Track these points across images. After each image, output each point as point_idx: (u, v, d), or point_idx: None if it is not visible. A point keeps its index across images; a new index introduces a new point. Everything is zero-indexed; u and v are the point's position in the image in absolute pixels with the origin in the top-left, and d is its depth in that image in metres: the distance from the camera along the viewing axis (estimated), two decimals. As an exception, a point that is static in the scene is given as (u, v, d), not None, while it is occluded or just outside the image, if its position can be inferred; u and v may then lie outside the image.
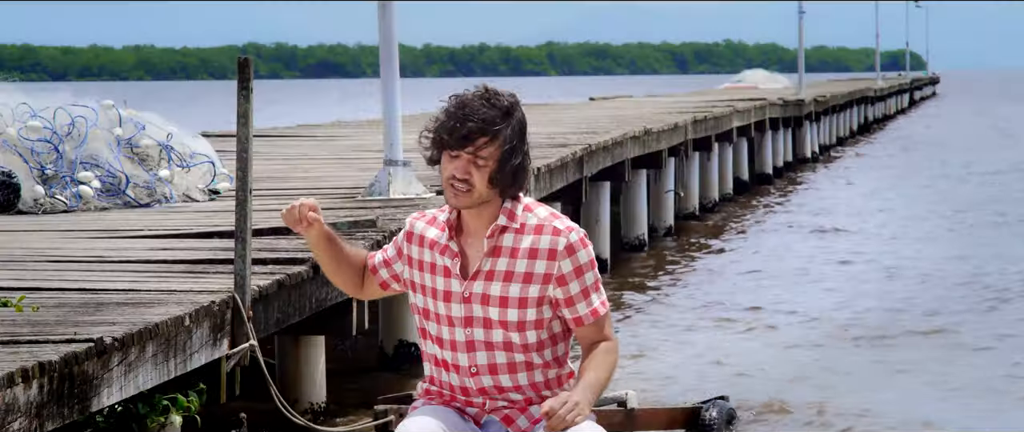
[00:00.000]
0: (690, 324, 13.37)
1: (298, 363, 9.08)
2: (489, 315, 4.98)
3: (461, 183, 4.92)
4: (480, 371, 5.02)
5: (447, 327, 5.03)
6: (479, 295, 4.99)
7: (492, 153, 4.91)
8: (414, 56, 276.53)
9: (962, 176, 30.34)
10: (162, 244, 8.77)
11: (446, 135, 4.92)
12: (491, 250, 4.99)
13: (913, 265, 17.05)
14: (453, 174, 4.93)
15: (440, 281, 5.03)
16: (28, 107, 11.35)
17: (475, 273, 5.00)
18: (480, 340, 5.00)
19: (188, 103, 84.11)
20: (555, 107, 33.43)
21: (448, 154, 4.94)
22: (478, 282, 4.99)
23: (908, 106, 75.44)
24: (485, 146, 4.90)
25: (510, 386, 5.04)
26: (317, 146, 18.45)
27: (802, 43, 40.15)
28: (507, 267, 4.99)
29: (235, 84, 6.88)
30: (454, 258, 5.01)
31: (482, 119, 4.89)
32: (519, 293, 4.98)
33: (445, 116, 4.94)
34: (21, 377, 5.09)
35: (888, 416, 9.78)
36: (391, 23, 11.26)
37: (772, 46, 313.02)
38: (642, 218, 19.30)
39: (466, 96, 4.94)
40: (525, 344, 5.02)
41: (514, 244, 5.00)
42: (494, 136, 4.90)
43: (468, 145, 4.90)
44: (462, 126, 4.89)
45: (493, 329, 5.00)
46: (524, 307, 4.98)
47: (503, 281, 4.98)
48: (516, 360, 5.02)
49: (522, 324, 4.99)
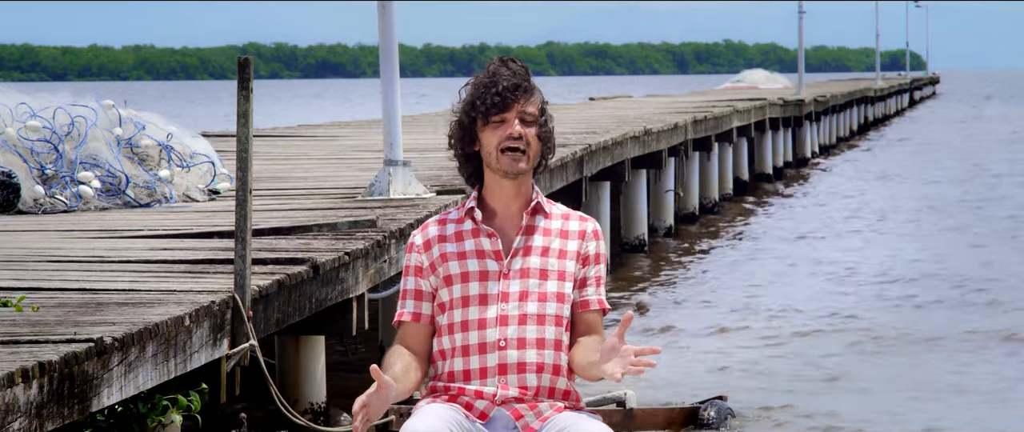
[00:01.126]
0: (689, 324, 13.38)
1: (298, 363, 9.08)
2: (528, 287, 5.07)
3: (517, 142, 5.03)
4: (508, 344, 5.05)
5: (479, 307, 5.07)
6: (518, 270, 5.08)
7: (534, 108, 5.08)
8: (414, 56, 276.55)
9: (963, 177, 30.34)
10: (162, 244, 8.77)
11: (493, 100, 5.03)
12: (526, 228, 5.11)
13: (913, 266, 17.05)
14: (508, 135, 5.04)
15: (474, 263, 5.10)
16: (28, 107, 11.35)
17: (513, 251, 5.10)
18: (514, 315, 5.06)
19: (188, 103, 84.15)
20: (555, 107, 33.45)
21: (491, 124, 5.05)
22: (516, 258, 5.09)
23: (908, 106, 75.46)
24: (527, 102, 5.07)
25: (533, 362, 5.05)
26: (317, 146, 18.45)
27: (802, 43, 40.15)
28: (543, 243, 5.12)
29: (235, 84, 6.88)
30: (491, 237, 5.10)
31: (516, 79, 5.06)
32: (557, 266, 5.10)
33: (478, 91, 5.06)
34: (21, 377, 5.09)
35: (888, 417, 9.78)
36: (391, 23, 11.26)
37: (772, 46, 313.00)
38: (642, 218, 19.30)
39: (489, 69, 5.10)
40: (557, 316, 5.08)
41: (545, 225, 5.14)
42: (531, 90, 5.09)
43: (514, 103, 5.03)
44: (503, 88, 5.03)
45: (528, 302, 5.07)
46: (562, 279, 5.09)
47: (541, 255, 5.10)
48: (545, 336, 5.07)
49: (560, 295, 5.09)
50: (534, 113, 5.07)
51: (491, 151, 5.06)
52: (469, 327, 5.08)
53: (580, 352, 5.07)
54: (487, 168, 5.11)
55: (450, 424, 4.96)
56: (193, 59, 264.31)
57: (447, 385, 5.11)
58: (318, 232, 9.04)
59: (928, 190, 27.39)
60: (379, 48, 11.37)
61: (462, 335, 5.08)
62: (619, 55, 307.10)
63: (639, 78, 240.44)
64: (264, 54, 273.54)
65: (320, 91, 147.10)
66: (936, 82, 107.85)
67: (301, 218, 9.77)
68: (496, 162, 5.06)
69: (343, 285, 8.11)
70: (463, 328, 5.08)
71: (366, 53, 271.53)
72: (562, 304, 5.09)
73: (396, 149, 11.16)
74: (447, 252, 5.12)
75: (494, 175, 5.10)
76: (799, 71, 39.35)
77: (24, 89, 11.80)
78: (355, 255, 8.25)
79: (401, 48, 11.66)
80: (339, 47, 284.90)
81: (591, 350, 5.02)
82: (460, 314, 5.08)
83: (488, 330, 5.06)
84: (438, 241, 5.15)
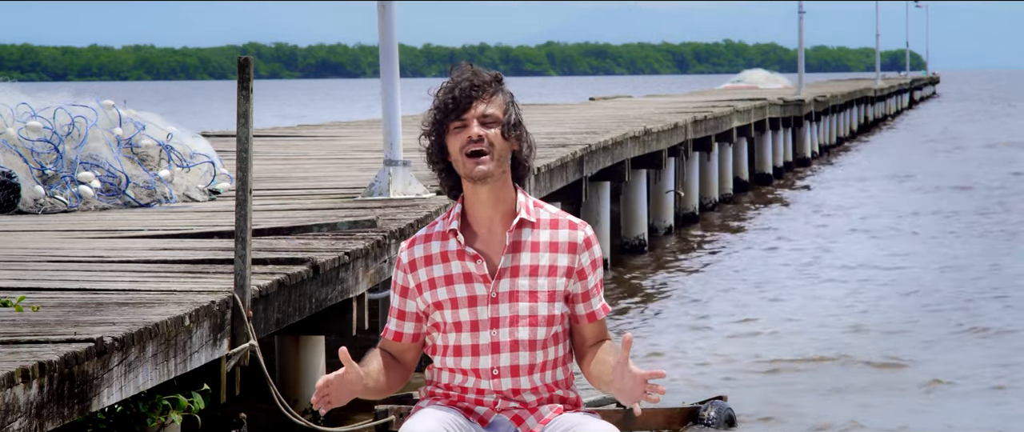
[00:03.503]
0: (689, 324, 13.38)
1: (298, 363, 9.08)
2: (517, 311, 4.93)
3: (478, 144, 4.87)
4: (502, 373, 4.96)
5: (470, 332, 4.95)
6: (506, 293, 4.94)
7: (496, 109, 4.91)
8: (414, 56, 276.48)
9: (963, 177, 30.33)
10: (162, 244, 8.77)
11: (448, 107, 4.90)
12: (511, 246, 4.95)
13: (914, 267, 17.05)
14: (467, 138, 4.89)
15: (462, 288, 4.95)
16: (28, 107, 11.35)
17: (499, 272, 4.95)
18: (505, 341, 4.94)
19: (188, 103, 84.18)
20: (555, 107, 33.45)
21: (453, 130, 4.91)
22: (504, 280, 4.94)
23: (908, 106, 75.46)
24: (488, 103, 4.91)
25: (528, 387, 4.99)
26: (317, 146, 18.45)
27: (802, 43, 40.15)
28: (531, 261, 4.95)
29: (235, 84, 6.88)
30: (475, 260, 4.94)
31: (474, 82, 4.92)
32: (547, 286, 4.94)
33: (438, 100, 4.95)
34: (21, 377, 5.09)
35: (888, 417, 9.78)
36: (391, 23, 11.26)
37: (772, 46, 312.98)
38: (642, 218, 19.30)
39: (453, 74, 4.98)
40: (548, 339, 4.96)
41: (533, 238, 4.96)
42: (493, 93, 4.92)
43: (472, 105, 4.89)
44: (459, 91, 4.90)
45: (519, 327, 4.94)
46: (553, 300, 4.95)
47: (529, 275, 4.94)
48: (537, 360, 4.97)
49: (551, 319, 4.95)
50: (495, 114, 4.90)
51: (457, 157, 4.92)
52: (462, 352, 4.97)
53: (596, 368, 4.99)
54: (462, 179, 4.97)
55: (449, 425, 4.92)
56: (193, 59, 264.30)
57: (446, 392, 5.08)
58: (318, 232, 9.04)
59: (928, 190, 27.39)
60: (379, 48, 11.37)
61: (455, 359, 4.99)
62: (619, 55, 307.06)
63: (639, 78, 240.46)
64: (264, 54, 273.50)
65: (320, 91, 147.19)
66: (936, 82, 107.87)
67: (301, 218, 9.77)
68: (462, 167, 4.92)
69: (343, 285, 8.10)
70: (456, 353, 4.98)
71: (366, 53, 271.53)
72: (553, 327, 4.96)
73: (396, 149, 11.16)
74: (434, 277, 4.98)
75: (468, 183, 4.96)
76: (799, 71, 39.36)
77: (24, 89, 11.81)
78: (355, 255, 8.24)
79: (401, 48, 11.66)
80: (339, 47, 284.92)
81: (606, 365, 4.95)
82: (454, 338, 4.97)
83: (481, 357, 4.95)
84: (424, 264, 4.99)
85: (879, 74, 68.35)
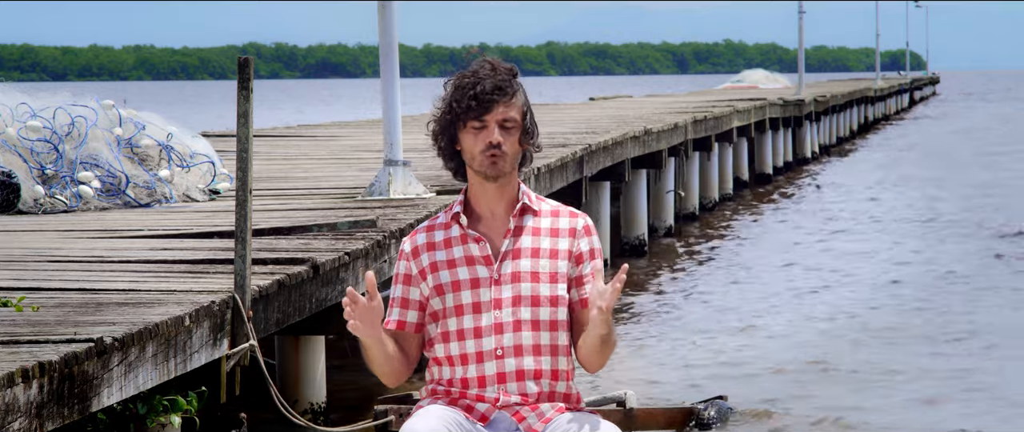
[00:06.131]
0: (689, 324, 13.38)
1: (298, 363, 9.08)
2: (520, 292, 5.01)
3: (495, 150, 4.96)
4: (506, 353, 5.00)
5: (472, 315, 5.01)
6: (509, 275, 5.02)
7: (516, 113, 4.99)
8: (414, 56, 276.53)
9: (963, 178, 30.33)
10: (162, 244, 8.76)
11: (469, 104, 4.95)
12: (514, 230, 5.05)
13: (914, 266, 17.05)
14: (488, 142, 4.96)
15: (465, 271, 5.04)
16: (28, 107, 11.35)
17: (502, 255, 5.03)
18: (508, 321, 5.00)
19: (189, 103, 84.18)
20: (555, 107, 33.45)
21: (471, 128, 4.97)
22: (506, 262, 5.03)
23: (908, 106, 75.46)
24: (508, 107, 4.97)
25: (532, 369, 5.02)
26: (317, 146, 18.46)
27: (802, 43, 40.16)
28: (532, 244, 5.05)
29: (235, 84, 6.88)
30: (479, 242, 5.03)
31: (497, 82, 4.97)
32: (549, 268, 5.03)
33: (458, 91, 4.98)
34: (21, 377, 5.09)
35: (888, 418, 9.78)
36: (391, 23, 11.26)
37: (772, 46, 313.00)
38: (642, 218, 19.30)
39: (471, 69, 5.02)
40: (551, 322, 5.02)
41: (535, 224, 5.07)
42: (512, 93, 4.99)
43: (494, 107, 4.95)
44: (483, 92, 4.94)
45: (522, 307, 5.01)
46: (555, 282, 5.03)
47: (531, 257, 5.03)
48: (541, 341, 5.02)
49: (553, 299, 5.02)
50: (515, 119, 4.99)
51: (472, 155, 5.00)
52: (465, 336, 5.03)
53: (583, 341, 5.05)
54: (469, 169, 5.06)
55: (450, 425, 4.93)
56: (193, 59, 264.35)
57: (447, 389, 5.09)
58: (318, 232, 9.04)
59: (929, 190, 27.38)
60: (379, 48, 11.38)
61: (458, 344, 5.03)
62: (619, 55, 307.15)
63: (639, 78, 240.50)
64: (264, 54, 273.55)
65: (320, 91, 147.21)
66: (936, 82, 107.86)
67: (301, 218, 9.77)
68: (477, 165, 5.01)
69: (343, 285, 8.10)
70: (459, 337, 5.03)
71: (366, 53, 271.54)
72: (557, 308, 5.03)
73: (396, 149, 11.16)
74: (437, 261, 5.06)
75: (477, 177, 5.04)
76: (799, 71, 39.36)
77: (24, 89, 11.81)
78: (355, 255, 8.24)
79: (401, 48, 11.66)
80: (339, 47, 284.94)
81: (588, 333, 5.01)
82: (455, 323, 5.03)
83: (484, 339, 5.01)
84: (427, 249, 5.09)
85: (879, 74, 68.36)
